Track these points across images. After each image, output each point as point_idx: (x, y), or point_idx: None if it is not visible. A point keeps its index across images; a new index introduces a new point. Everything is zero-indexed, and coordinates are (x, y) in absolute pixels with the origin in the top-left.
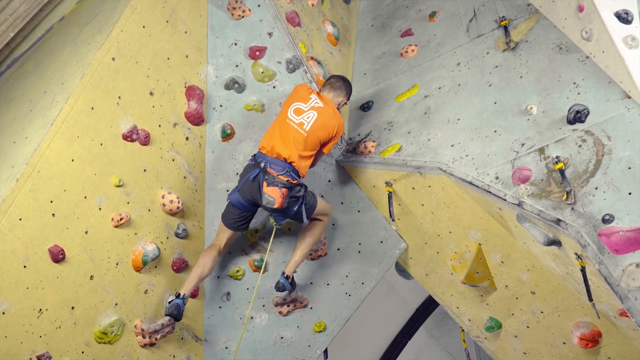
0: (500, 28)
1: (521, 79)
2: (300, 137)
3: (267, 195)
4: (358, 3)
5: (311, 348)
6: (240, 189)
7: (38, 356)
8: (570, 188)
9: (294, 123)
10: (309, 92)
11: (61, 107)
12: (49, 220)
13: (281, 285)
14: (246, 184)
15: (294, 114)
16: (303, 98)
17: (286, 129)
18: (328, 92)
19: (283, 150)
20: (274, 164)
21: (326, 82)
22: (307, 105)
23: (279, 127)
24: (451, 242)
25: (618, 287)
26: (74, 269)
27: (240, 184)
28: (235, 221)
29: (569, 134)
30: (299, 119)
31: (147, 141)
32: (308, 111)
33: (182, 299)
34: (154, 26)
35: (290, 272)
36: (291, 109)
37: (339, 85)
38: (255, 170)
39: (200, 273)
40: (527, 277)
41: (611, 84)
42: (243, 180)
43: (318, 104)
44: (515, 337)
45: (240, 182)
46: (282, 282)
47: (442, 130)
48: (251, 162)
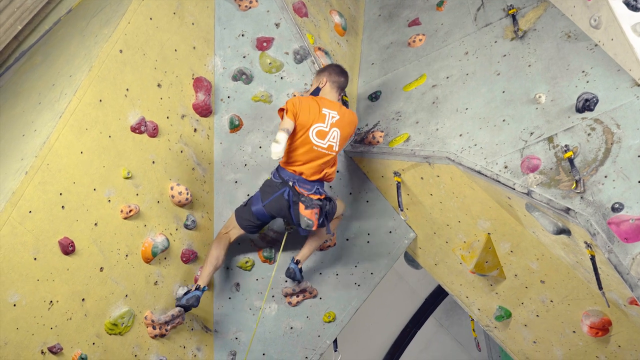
0: (508, 17)
1: (529, 67)
2: (331, 158)
3: (306, 219)
4: None
5: (321, 338)
6: (267, 204)
7: (49, 347)
8: (579, 177)
9: (323, 148)
10: (319, 106)
11: (69, 99)
12: (59, 213)
13: (292, 270)
14: (275, 202)
15: (318, 138)
16: (318, 117)
17: (315, 155)
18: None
19: (314, 175)
20: (302, 182)
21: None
22: (326, 124)
23: (307, 153)
24: (460, 231)
25: (628, 276)
26: (84, 261)
27: (267, 200)
28: (250, 226)
29: (577, 122)
30: (326, 142)
31: (156, 133)
32: (330, 131)
33: (202, 291)
34: (161, 18)
35: (302, 260)
36: (312, 133)
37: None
38: (284, 189)
39: (215, 265)
40: (537, 266)
41: (620, 72)
42: (272, 198)
43: (335, 117)
44: (525, 326)
45: (266, 198)
46: (293, 268)
47: (450, 119)
48: (275, 179)
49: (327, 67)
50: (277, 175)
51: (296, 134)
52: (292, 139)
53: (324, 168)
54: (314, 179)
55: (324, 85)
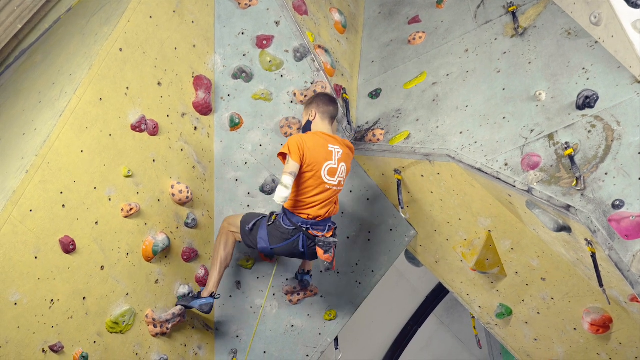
0: (509, 14)
1: (530, 64)
2: (339, 191)
3: (326, 263)
4: None
5: (322, 336)
6: (277, 248)
7: (50, 346)
8: (579, 174)
9: (334, 186)
10: (326, 142)
11: (70, 98)
12: (59, 211)
13: (306, 281)
14: (287, 247)
15: (330, 176)
16: (326, 154)
17: (328, 194)
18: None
19: (326, 213)
20: (316, 225)
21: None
22: (334, 161)
23: (319, 194)
24: (461, 229)
25: (629, 273)
26: (84, 260)
27: (277, 245)
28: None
29: (578, 119)
30: (336, 178)
31: (156, 131)
32: (339, 167)
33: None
34: (161, 16)
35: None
36: (324, 172)
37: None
38: (297, 236)
39: (225, 267)
40: (537, 264)
41: (620, 69)
42: (283, 244)
43: (340, 152)
44: (526, 323)
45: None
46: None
47: (450, 117)
48: (287, 225)
49: (315, 98)
50: (288, 222)
51: (304, 174)
52: (300, 180)
53: (333, 203)
54: (325, 218)
55: (314, 118)
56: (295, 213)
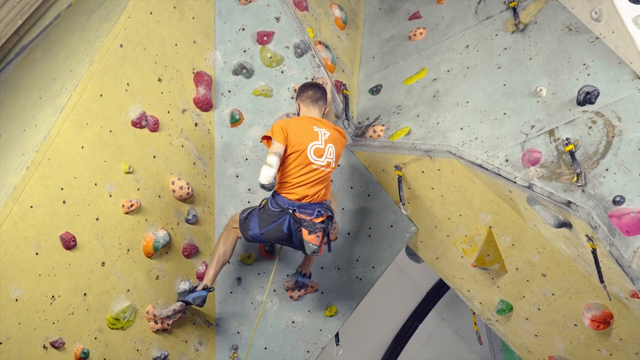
0: (509, 10)
1: (530, 60)
2: (329, 173)
3: (310, 244)
4: None
5: (322, 332)
6: (265, 232)
7: (51, 342)
8: (580, 170)
9: (322, 166)
10: (310, 124)
11: (70, 94)
12: (60, 208)
13: (301, 282)
14: (275, 230)
15: (316, 156)
16: (311, 135)
17: (315, 174)
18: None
19: (315, 195)
20: (303, 208)
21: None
22: (321, 142)
23: (305, 174)
24: (461, 225)
25: (629, 269)
26: (85, 256)
27: (265, 228)
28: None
29: (579, 115)
30: (324, 159)
31: (156, 127)
32: (326, 148)
33: (208, 291)
34: (161, 12)
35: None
36: (310, 151)
37: (319, 96)
38: (284, 218)
39: (223, 262)
40: (538, 260)
41: (621, 65)
42: (270, 227)
43: (326, 134)
44: (527, 319)
45: (264, 226)
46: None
47: (451, 113)
48: (273, 207)
49: (298, 90)
50: (275, 204)
51: (290, 156)
52: (285, 162)
53: (322, 186)
54: (314, 202)
55: (300, 109)
56: (282, 195)
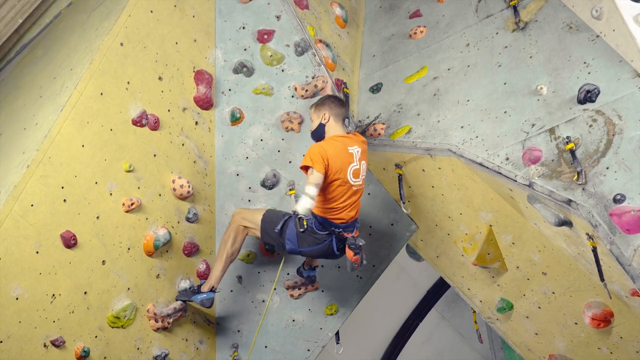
0: (510, 8)
1: (531, 59)
2: (363, 189)
3: (353, 264)
4: None
5: (323, 331)
6: (305, 251)
7: (52, 341)
8: (581, 168)
9: (359, 185)
10: (344, 146)
11: (70, 92)
12: (61, 206)
13: (313, 277)
14: (318, 251)
15: (355, 177)
16: (348, 157)
17: (355, 194)
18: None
19: (356, 214)
20: (347, 227)
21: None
22: (356, 162)
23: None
24: (462, 223)
25: (630, 267)
26: (86, 254)
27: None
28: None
29: (579, 113)
30: (360, 178)
31: (157, 126)
32: (360, 166)
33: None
34: (162, 11)
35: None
36: (350, 174)
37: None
38: (330, 239)
39: (231, 260)
40: (539, 258)
41: (622, 63)
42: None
43: (358, 151)
44: (527, 317)
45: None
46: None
47: (451, 111)
48: (319, 229)
49: (325, 100)
50: (320, 227)
51: (332, 182)
52: (329, 188)
53: (359, 203)
54: (356, 219)
55: (328, 121)
56: (328, 219)
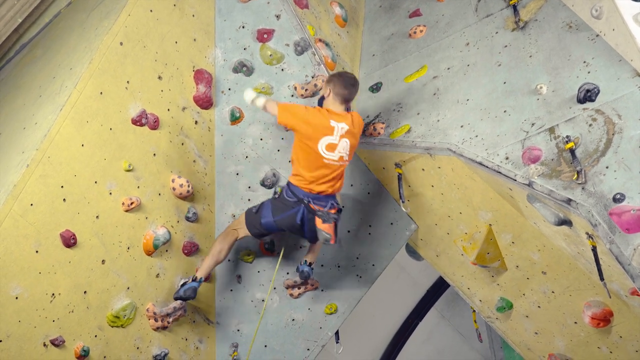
0: (510, 7)
1: (530, 58)
2: (343, 168)
3: (324, 233)
4: None
5: (322, 330)
6: (279, 220)
7: (51, 340)
8: (580, 167)
9: (334, 160)
10: (326, 118)
11: (70, 92)
12: (60, 205)
13: (306, 272)
14: (288, 218)
15: (328, 151)
16: (327, 130)
17: (328, 169)
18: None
19: (328, 189)
20: (317, 199)
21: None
22: (335, 137)
23: (318, 168)
24: (461, 223)
25: (629, 267)
26: (85, 254)
27: (279, 216)
28: (260, 234)
29: (579, 113)
30: (337, 154)
31: (156, 125)
32: (340, 142)
33: (199, 282)
34: (162, 10)
35: (314, 260)
36: (322, 147)
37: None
38: (298, 208)
39: (217, 258)
40: (538, 257)
41: (621, 62)
42: (285, 215)
43: (344, 129)
44: (527, 317)
45: (280, 214)
46: (307, 271)
47: (451, 111)
48: (289, 197)
49: (336, 76)
50: (291, 193)
51: (303, 148)
52: (299, 152)
53: (337, 180)
54: (328, 194)
55: (328, 96)
56: (299, 187)
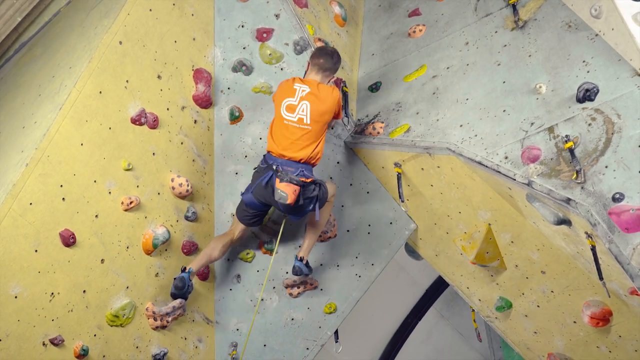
0: (509, 6)
1: (530, 57)
2: (305, 133)
3: (279, 191)
4: None
5: (322, 329)
6: (254, 191)
7: (51, 339)
8: (580, 167)
9: (293, 122)
10: (292, 82)
11: (69, 91)
12: (59, 205)
13: (297, 268)
14: (259, 188)
15: (288, 112)
16: (289, 92)
17: (288, 131)
18: (315, 74)
19: (293, 154)
20: (286, 165)
21: (314, 62)
22: (295, 99)
23: (280, 129)
24: (461, 222)
25: (629, 266)
26: (85, 253)
27: (253, 187)
28: (249, 218)
29: (578, 112)
30: (295, 115)
31: (156, 124)
32: (299, 104)
33: (188, 273)
34: (161, 9)
35: (305, 255)
36: (283, 108)
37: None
38: (267, 174)
39: (209, 254)
40: (537, 257)
41: (621, 62)
42: (256, 184)
43: (305, 91)
44: (526, 316)
45: (253, 185)
46: (298, 266)
47: (450, 110)
48: (262, 164)
49: (313, 52)
50: (263, 161)
51: (274, 116)
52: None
53: (302, 145)
54: (297, 160)
55: (307, 69)
56: (270, 152)
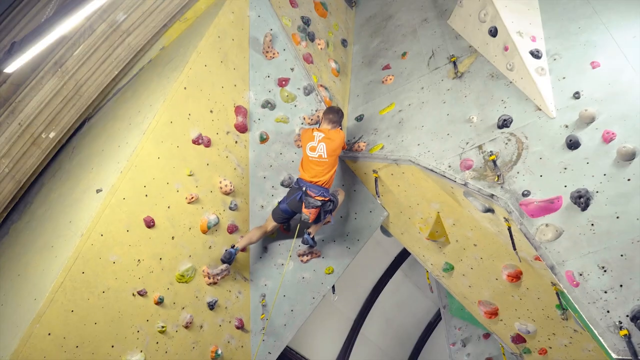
0: (451, 63)
1: (465, 97)
2: (324, 164)
3: (304, 215)
4: (352, 47)
5: (323, 285)
6: (289, 202)
7: (138, 291)
8: (500, 172)
9: (315, 158)
10: (311, 131)
11: (150, 121)
12: (143, 199)
13: (305, 240)
14: (293, 202)
15: (311, 151)
16: (310, 138)
17: (313, 164)
18: (326, 125)
19: (317, 179)
20: (312, 187)
21: (326, 116)
22: (315, 142)
23: (307, 164)
24: (419, 211)
25: (533, 240)
26: (160, 232)
27: (289, 199)
28: (281, 219)
29: (498, 135)
30: (316, 153)
31: (209, 144)
32: (318, 145)
33: (235, 250)
34: (213, 65)
35: (313, 232)
36: (307, 149)
37: (331, 118)
38: (299, 193)
39: (250, 238)
40: (471, 234)
41: (527, 100)
42: (291, 198)
43: (321, 136)
44: (463, 275)
45: (289, 198)
46: (307, 238)
47: (411, 134)
48: (295, 185)
49: (325, 110)
50: (296, 183)
51: (303, 153)
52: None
53: (323, 173)
54: (319, 184)
55: (321, 120)
56: (301, 177)
